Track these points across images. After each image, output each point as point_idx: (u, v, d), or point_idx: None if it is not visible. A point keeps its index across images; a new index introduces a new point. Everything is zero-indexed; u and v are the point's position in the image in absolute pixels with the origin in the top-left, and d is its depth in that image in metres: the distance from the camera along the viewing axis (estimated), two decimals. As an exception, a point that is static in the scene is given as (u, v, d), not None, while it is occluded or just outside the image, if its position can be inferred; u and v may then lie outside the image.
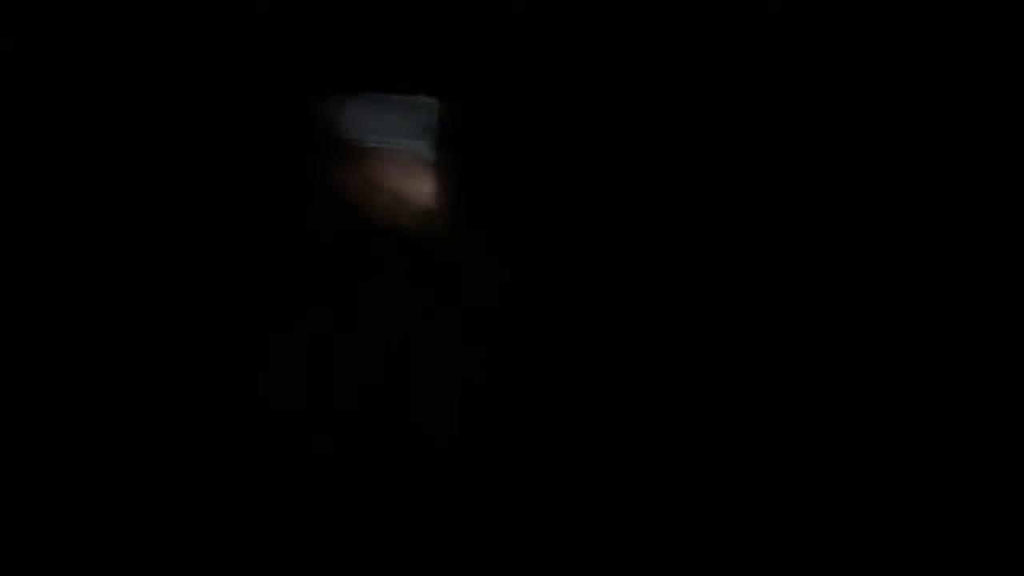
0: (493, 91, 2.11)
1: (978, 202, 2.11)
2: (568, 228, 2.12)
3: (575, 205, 2.13)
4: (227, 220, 1.96)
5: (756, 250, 2.13)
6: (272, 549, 1.62)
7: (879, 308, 2.11)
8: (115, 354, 2.02)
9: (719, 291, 2.12)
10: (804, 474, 2.06)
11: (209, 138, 2.10)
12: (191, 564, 1.70)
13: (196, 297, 1.82)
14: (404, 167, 1.67)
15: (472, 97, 2.04)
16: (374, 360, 1.63)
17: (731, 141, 2.14)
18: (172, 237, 2.06)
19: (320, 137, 1.68)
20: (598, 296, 2.12)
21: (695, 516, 2.04)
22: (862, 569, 2.01)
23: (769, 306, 2.12)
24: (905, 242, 2.11)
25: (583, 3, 2.15)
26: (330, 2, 2.13)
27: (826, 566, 2.01)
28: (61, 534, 1.94)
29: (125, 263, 2.07)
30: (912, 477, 2.05)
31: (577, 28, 2.15)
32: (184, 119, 2.11)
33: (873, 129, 2.13)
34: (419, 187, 1.66)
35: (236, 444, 1.64)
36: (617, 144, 2.14)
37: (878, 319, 2.10)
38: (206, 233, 2.01)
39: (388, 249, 1.64)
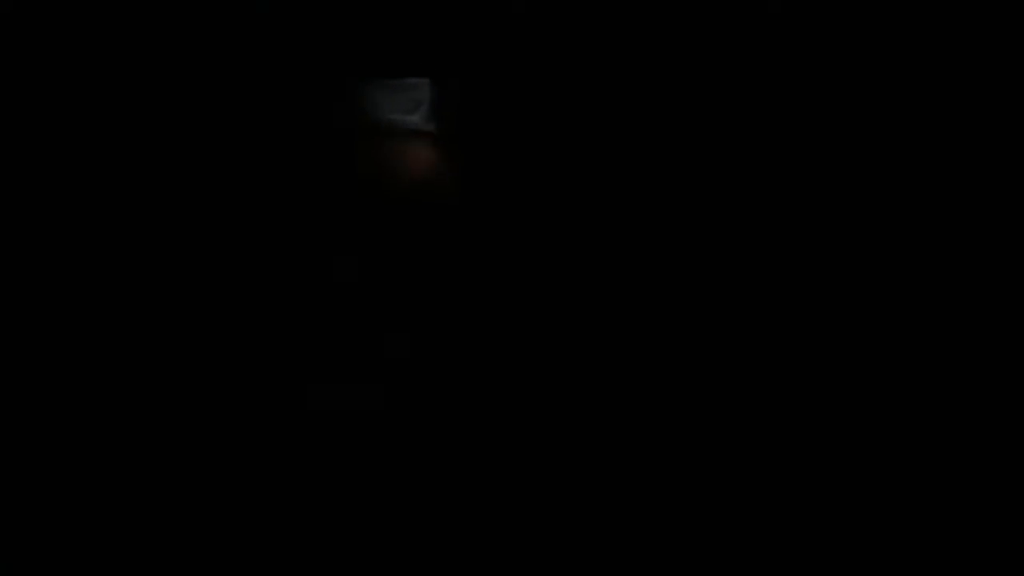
0: (488, 67, 2.11)
1: (978, 202, 2.11)
2: (566, 203, 2.11)
3: (573, 185, 2.13)
4: (229, 209, 1.97)
5: (754, 246, 2.13)
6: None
7: (879, 308, 2.11)
8: (121, 349, 2.02)
9: (720, 271, 2.12)
10: (803, 474, 2.06)
11: (210, 126, 2.10)
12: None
13: (201, 286, 1.83)
14: (403, 143, 1.69)
15: (467, 74, 2.04)
16: (381, 338, 1.64)
17: (729, 132, 2.14)
18: (175, 229, 2.07)
19: (320, 119, 1.70)
20: (597, 266, 2.11)
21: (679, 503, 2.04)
22: (862, 569, 2.01)
23: (768, 303, 2.12)
24: (905, 242, 2.11)
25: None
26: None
27: (826, 566, 2.01)
28: (60, 532, 1.94)
29: (130, 257, 2.07)
30: (912, 477, 2.05)
31: (574, 15, 2.15)
32: (185, 111, 2.12)
33: (873, 129, 2.14)
34: (419, 161, 1.68)
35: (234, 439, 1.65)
36: (613, 123, 2.14)
37: (878, 319, 2.11)
38: (213, 222, 2.01)
39: (389, 223, 1.65)
